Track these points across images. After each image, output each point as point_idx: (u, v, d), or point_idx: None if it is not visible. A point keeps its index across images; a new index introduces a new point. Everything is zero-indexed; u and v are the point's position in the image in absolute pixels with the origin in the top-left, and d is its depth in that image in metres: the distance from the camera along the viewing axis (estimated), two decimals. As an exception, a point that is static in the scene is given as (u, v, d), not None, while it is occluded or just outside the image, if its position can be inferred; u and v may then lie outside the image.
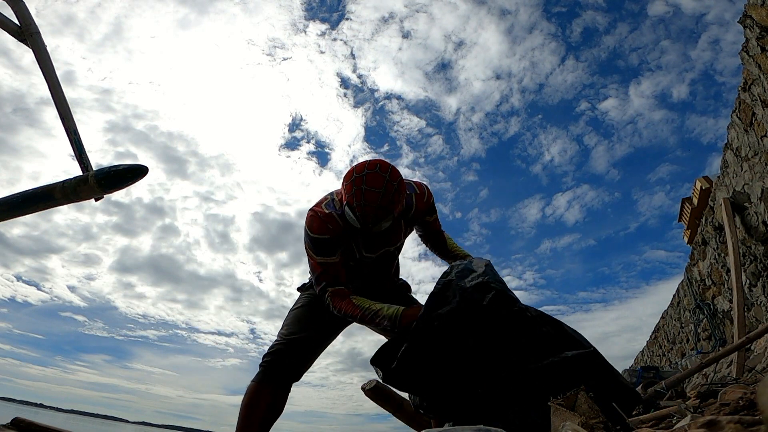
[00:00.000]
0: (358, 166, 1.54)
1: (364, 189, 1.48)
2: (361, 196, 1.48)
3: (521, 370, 1.43)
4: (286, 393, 1.68)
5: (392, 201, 1.51)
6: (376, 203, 1.48)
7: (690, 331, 6.38)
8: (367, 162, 1.54)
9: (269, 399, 1.63)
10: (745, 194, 4.11)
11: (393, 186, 1.51)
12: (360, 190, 1.48)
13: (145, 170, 1.13)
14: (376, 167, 1.52)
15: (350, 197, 1.50)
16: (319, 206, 1.66)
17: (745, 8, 3.51)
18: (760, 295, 4.16)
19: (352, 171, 1.54)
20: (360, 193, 1.48)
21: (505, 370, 1.44)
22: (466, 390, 1.47)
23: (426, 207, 1.81)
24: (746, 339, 2.15)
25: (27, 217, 1.25)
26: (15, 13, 1.22)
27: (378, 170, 1.51)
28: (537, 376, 1.40)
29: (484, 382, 1.45)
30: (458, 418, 1.49)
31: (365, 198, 1.48)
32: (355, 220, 1.52)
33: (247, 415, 1.62)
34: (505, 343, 1.47)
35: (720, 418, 0.65)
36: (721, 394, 1.28)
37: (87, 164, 1.19)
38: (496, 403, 1.46)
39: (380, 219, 1.51)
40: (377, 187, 1.49)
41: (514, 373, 1.43)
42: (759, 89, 3.60)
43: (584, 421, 1.10)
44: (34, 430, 1.66)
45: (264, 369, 1.66)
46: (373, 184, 1.49)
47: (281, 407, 1.67)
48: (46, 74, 1.22)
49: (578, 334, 1.57)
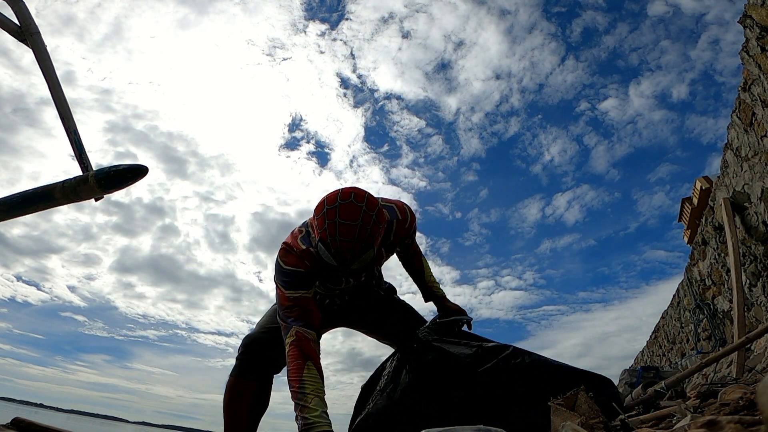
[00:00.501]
0: (329, 197, 1.35)
1: (339, 222, 1.30)
2: (335, 231, 1.30)
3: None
4: (269, 385, 1.61)
5: (371, 234, 1.33)
6: (352, 238, 1.30)
7: (690, 331, 6.38)
8: (339, 191, 1.36)
9: (253, 391, 1.56)
10: (745, 194, 4.11)
11: (371, 217, 1.33)
12: (334, 224, 1.30)
13: (145, 170, 1.13)
14: (350, 196, 1.33)
15: (323, 232, 1.32)
16: (294, 240, 1.51)
17: (745, 8, 3.51)
18: (760, 295, 4.16)
19: (323, 203, 1.36)
20: (334, 228, 1.30)
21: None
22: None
23: (405, 233, 1.67)
24: (746, 339, 2.15)
25: (27, 217, 1.25)
26: (15, 13, 1.22)
27: (353, 200, 1.33)
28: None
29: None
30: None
31: (340, 233, 1.29)
32: (330, 258, 1.33)
33: (233, 410, 1.55)
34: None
35: (720, 418, 0.65)
36: (721, 394, 1.28)
37: (87, 164, 1.18)
38: (495, 404, 1.48)
39: (358, 255, 1.33)
40: (353, 220, 1.30)
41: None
42: (759, 89, 3.60)
43: (584, 421, 1.10)
44: (34, 430, 1.66)
45: (242, 361, 1.58)
46: (347, 217, 1.30)
47: (266, 400, 1.59)
48: (46, 74, 1.21)
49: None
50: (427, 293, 1.89)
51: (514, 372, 1.54)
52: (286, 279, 1.46)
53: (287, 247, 1.49)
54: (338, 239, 1.30)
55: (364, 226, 1.31)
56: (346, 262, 1.33)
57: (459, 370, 1.58)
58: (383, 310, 1.86)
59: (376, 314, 1.85)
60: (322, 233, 1.33)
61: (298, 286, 1.45)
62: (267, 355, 1.59)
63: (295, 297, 1.44)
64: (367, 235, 1.32)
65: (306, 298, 1.45)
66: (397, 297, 1.94)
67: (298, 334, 1.39)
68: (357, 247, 1.31)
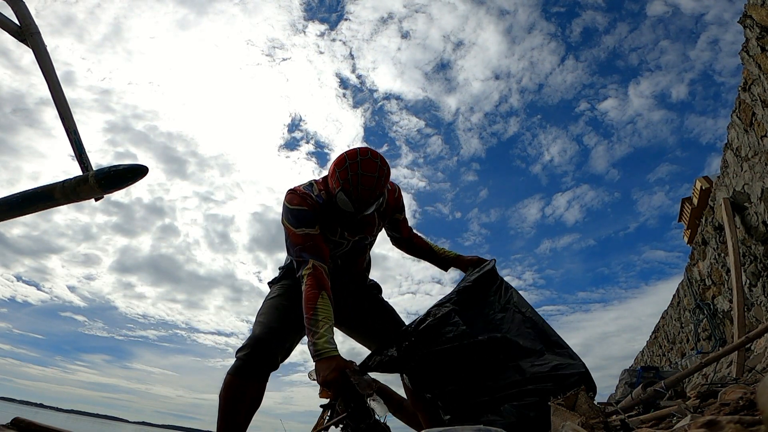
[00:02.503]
0: (350, 153, 1.60)
1: (361, 174, 1.56)
2: (357, 181, 1.55)
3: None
4: (265, 384, 1.62)
5: (384, 185, 1.61)
6: (371, 187, 1.57)
7: (690, 331, 6.38)
8: (357, 149, 1.62)
9: (254, 392, 1.57)
10: (745, 194, 4.11)
11: (384, 171, 1.61)
12: (356, 175, 1.55)
13: (145, 170, 1.13)
14: (368, 154, 1.60)
15: (346, 182, 1.56)
16: (297, 187, 1.73)
17: (745, 8, 3.51)
18: (760, 295, 4.16)
19: (344, 158, 1.60)
20: (356, 179, 1.55)
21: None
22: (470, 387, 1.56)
23: (395, 204, 1.87)
24: (746, 339, 2.15)
25: (27, 217, 1.25)
26: (15, 13, 1.22)
27: (370, 156, 1.60)
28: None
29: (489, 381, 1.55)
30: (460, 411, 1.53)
31: (362, 183, 1.55)
32: (349, 204, 1.58)
33: (232, 410, 1.55)
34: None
35: (720, 418, 0.65)
36: (721, 394, 1.28)
37: (87, 164, 1.18)
38: (496, 401, 1.49)
39: (373, 202, 1.60)
40: (372, 172, 1.57)
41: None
42: (759, 89, 3.60)
43: (584, 421, 1.10)
44: (34, 430, 1.66)
45: (243, 361, 1.57)
46: (368, 170, 1.57)
47: (261, 398, 1.61)
48: (46, 74, 1.21)
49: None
50: (444, 262, 2.00)
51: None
52: (293, 217, 1.65)
53: (291, 191, 1.71)
54: (360, 188, 1.55)
55: (380, 177, 1.58)
56: (363, 207, 1.58)
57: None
58: (369, 309, 1.88)
59: (361, 313, 1.87)
60: (344, 183, 1.56)
61: (305, 224, 1.64)
62: (271, 355, 1.59)
63: (305, 234, 1.63)
64: (382, 185, 1.60)
65: (315, 235, 1.63)
66: (381, 297, 1.95)
67: (315, 266, 1.57)
68: (373, 195, 1.58)
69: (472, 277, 1.81)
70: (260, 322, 1.67)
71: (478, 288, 1.80)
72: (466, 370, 1.59)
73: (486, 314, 1.73)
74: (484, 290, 1.81)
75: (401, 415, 2.00)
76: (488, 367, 1.57)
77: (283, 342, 1.62)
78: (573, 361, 1.58)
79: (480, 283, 1.81)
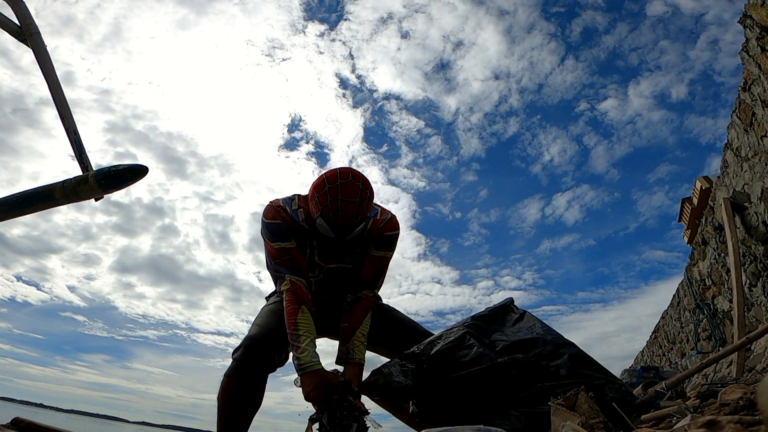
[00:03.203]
0: (330, 176, 1.50)
1: (341, 200, 1.46)
2: (337, 207, 1.46)
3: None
4: (264, 384, 1.60)
5: (367, 209, 1.53)
6: (352, 213, 1.48)
7: (690, 331, 6.38)
8: (338, 171, 1.50)
9: (251, 393, 1.54)
10: (745, 194, 4.11)
11: (366, 194, 1.51)
12: (336, 201, 1.46)
13: (145, 170, 1.12)
14: (349, 176, 1.49)
15: (325, 208, 1.47)
16: (276, 200, 1.69)
17: (745, 8, 3.51)
18: (760, 295, 4.16)
19: (323, 180, 1.50)
20: (336, 204, 1.46)
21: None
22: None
23: (376, 234, 1.68)
24: (746, 339, 2.14)
25: (27, 217, 1.25)
26: (15, 13, 1.22)
27: (351, 179, 1.49)
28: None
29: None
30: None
31: (342, 209, 1.46)
32: (329, 230, 1.50)
33: (230, 413, 1.53)
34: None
35: (720, 418, 0.65)
36: (721, 394, 1.28)
37: (87, 164, 1.18)
38: (497, 404, 1.47)
39: (354, 229, 1.52)
40: (353, 198, 1.47)
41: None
42: (759, 89, 3.60)
43: (584, 421, 1.10)
44: (34, 430, 1.66)
45: (239, 362, 1.54)
46: (348, 195, 1.47)
47: (261, 400, 1.58)
48: (46, 74, 1.21)
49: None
50: (343, 354, 1.63)
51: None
52: (269, 231, 1.62)
53: (269, 204, 1.67)
54: (340, 214, 1.47)
55: (361, 202, 1.49)
56: (344, 234, 1.51)
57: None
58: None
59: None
60: (323, 209, 1.48)
61: (280, 238, 1.60)
62: (267, 355, 1.57)
63: (281, 248, 1.60)
64: (364, 209, 1.51)
65: (291, 249, 1.60)
66: (379, 303, 1.87)
67: (292, 282, 1.56)
68: (355, 221, 1.50)
69: (488, 308, 1.76)
70: (257, 324, 1.66)
71: (495, 315, 1.73)
72: (485, 397, 1.46)
73: (505, 336, 1.62)
74: (501, 316, 1.73)
75: (401, 415, 2.00)
76: (510, 391, 1.44)
77: (279, 342, 1.58)
78: (613, 380, 1.48)
79: (497, 310, 1.74)
